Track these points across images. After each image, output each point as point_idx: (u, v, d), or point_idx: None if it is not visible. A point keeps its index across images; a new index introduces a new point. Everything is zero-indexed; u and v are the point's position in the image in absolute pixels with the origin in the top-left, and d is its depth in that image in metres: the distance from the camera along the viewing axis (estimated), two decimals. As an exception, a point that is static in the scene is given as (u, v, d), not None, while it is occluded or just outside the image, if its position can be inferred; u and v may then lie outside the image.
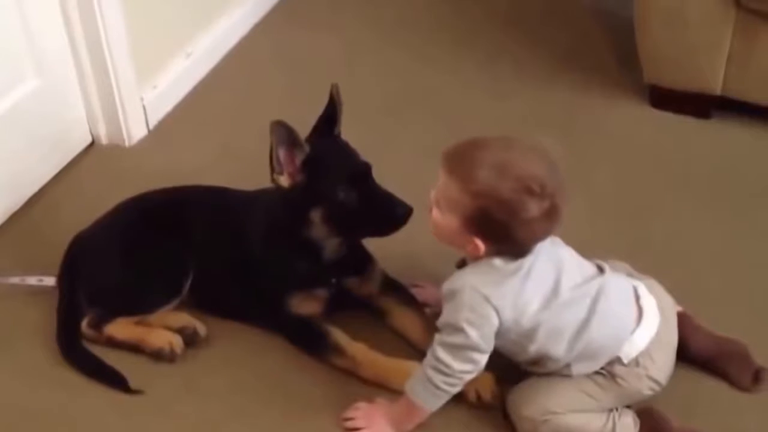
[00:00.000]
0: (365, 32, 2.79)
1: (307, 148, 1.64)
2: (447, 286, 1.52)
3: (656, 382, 1.57)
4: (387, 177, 1.72)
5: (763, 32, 2.20)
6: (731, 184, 2.19)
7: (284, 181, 1.66)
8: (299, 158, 1.64)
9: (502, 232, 1.45)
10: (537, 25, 2.82)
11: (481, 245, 1.47)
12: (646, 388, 1.56)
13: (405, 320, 1.77)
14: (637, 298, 1.58)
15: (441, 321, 1.52)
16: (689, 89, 2.36)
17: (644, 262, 1.70)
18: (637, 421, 1.58)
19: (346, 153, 1.71)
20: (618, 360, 1.54)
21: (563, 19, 2.85)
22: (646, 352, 1.54)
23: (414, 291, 1.83)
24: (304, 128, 1.68)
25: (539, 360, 1.55)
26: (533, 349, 1.52)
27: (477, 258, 1.50)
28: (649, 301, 1.58)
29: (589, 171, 2.21)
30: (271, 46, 2.74)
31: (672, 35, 2.29)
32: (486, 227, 1.45)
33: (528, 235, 1.46)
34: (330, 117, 1.72)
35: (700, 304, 1.69)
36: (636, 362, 1.54)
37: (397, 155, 1.71)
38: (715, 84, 2.31)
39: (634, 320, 1.55)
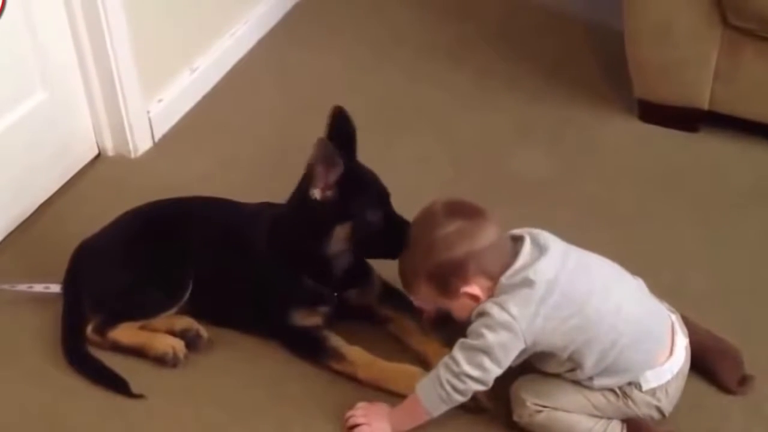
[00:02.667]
0: (362, 50, 2.80)
1: (342, 167, 1.65)
2: (477, 307, 1.57)
3: (661, 413, 1.59)
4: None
5: (748, 48, 2.23)
6: (717, 195, 2.20)
7: (317, 194, 1.66)
8: (333, 175, 1.65)
9: (456, 262, 1.54)
10: (527, 40, 2.82)
11: (469, 289, 1.55)
12: (647, 416, 1.59)
13: (403, 326, 1.80)
14: (674, 332, 1.60)
15: (468, 329, 1.56)
16: (677, 103, 2.37)
17: (630, 271, 1.67)
18: (624, 425, 1.60)
19: (374, 177, 1.74)
20: (637, 385, 1.56)
21: (554, 34, 2.85)
22: (664, 386, 1.57)
23: (411, 297, 1.83)
24: (304, 140, 1.69)
25: (572, 368, 1.56)
26: (566, 356, 1.54)
27: (490, 297, 1.56)
28: (681, 339, 1.61)
29: (578, 183, 2.23)
30: (272, 62, 2.75)
31: (661, 51, 2.31)
32: (450, 274, 1.55)
33: (467, 243, 1.54)
34: (348, 138, 1.72)
35: (685, 310, 1.69)
36: (653, 392, 1.57)
37: (392, 168, 1.75)
38: (702, 98, 2.33)
39: (667, 352, 1.58)
